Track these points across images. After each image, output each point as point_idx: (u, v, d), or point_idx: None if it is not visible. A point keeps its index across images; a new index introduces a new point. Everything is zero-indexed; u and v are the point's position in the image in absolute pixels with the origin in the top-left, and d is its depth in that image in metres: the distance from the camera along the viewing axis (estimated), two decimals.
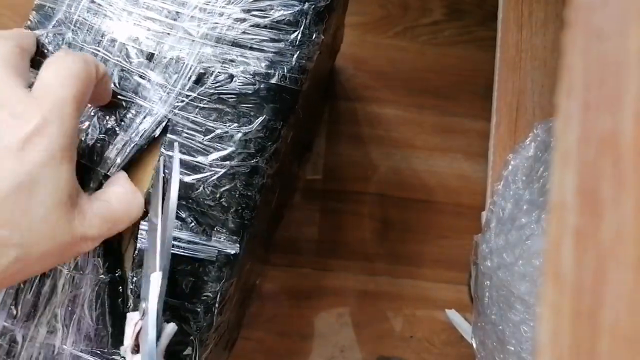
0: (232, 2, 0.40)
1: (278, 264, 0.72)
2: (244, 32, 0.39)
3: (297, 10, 0.40)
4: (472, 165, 0.75)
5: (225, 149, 0.39)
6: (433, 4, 0.78)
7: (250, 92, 0.39)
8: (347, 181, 0.74)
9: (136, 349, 0.35)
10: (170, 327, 0.36)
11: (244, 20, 0.39)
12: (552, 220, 0.14)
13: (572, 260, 0.13)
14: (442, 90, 0.76)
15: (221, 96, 0.39)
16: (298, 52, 0.40)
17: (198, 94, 0.39)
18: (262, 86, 0.39)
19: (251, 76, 0.39)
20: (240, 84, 0.39)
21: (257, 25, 0.40)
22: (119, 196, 0.35)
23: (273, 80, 0.40)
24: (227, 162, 0.39)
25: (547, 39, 0.71)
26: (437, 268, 0.74)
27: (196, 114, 0.39)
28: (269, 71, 0.40)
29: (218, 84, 0.39)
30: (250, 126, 0.39)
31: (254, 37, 0.40)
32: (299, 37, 0.40)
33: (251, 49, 0.39)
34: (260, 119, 0.39)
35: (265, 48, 0.40)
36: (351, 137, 0.75)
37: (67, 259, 0.34)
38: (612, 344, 0.12)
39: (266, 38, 0.40)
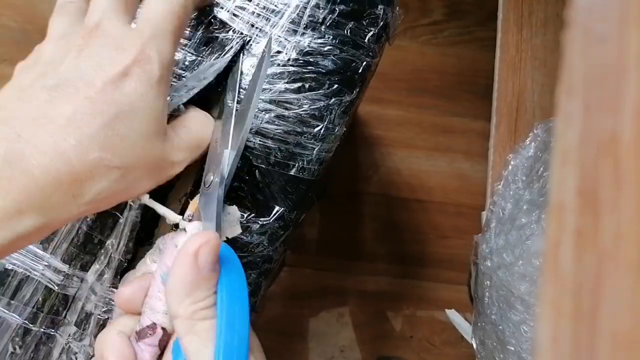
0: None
1: None
2: (268, 122, 0.39)
3: (323, 105, 0.39)
4: (472, 165, 0.75)
5: (241, 240, 0.39)
6: (433, 4, 0.78)
7: (268, 182, 0.39)
8: (347, 181, 0.74)
9: (190, 219, 0.35)
10: (234, 209, 0.38)
11: (269, 110, 0.39)
12: (551, 221, 0.14)
13: (572, 260, 0.13)
14: (442, 90, 0.76)
15: (240, 185, 0.39)
16: (320, 145, 0.39)
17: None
18: (280, 178, 0.39)
19: (271, 166, 0.39)
20: (260, 174, 0.39)
21: (281, 117, 0.39)
22: (197, 121, 0.36)
23: (292, 172, 0.39)
24: (241, 254, 0.39)
25: (547, 39, 0.71)
26: (437, 268, 0.74)
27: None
28: (289, 162, 0.39)
29: (237, 174, 0.39)
30: (268, 218, 0.39)
31: (277, 127, 0.39)
32: (322, 131, 0.39)
33: (273, 139, 0.39)
34: (277, 210, 0.39)
35: (288, 139, 0.39)
36: (351, 137, 0.75)
37: (159, 182, 0.35)
38: (612, 345, 0.12)
39: (289, 130, 0.39)
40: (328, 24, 0.39)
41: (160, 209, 0.36)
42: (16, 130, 0.29)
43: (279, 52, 0.38)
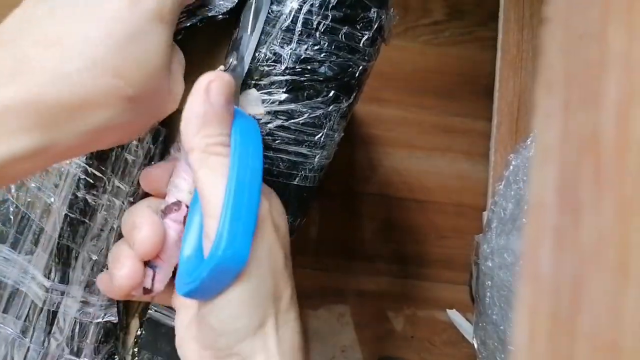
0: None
1: None
2: (268, 134, 0.38)
3: (322, 113, 0.39)
4: (473, 165, 0.75)
5: None
6: (434, 4, 0.78)
7: None
8: (347, 181, 0.74)
9: None
10: (253, 90, 0.37)
11: (268, 122, 0.38)
12: (530, 220, 0.14)
13: (551, 261, 0.13)
14: (442, 90, 0.76)
15: None
16: (321, 153, 0.39)
17: None
18: (284, 188, 0.39)
19: (275, 177, 0.39)
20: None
21: (281, 127, 0.38)
22: (178, 50, 0.35)
23: (295, 182, 0.39)
24: None
25: None
26: (438, 268, 0.74)
27: None
28: (292, 172, 0.39)
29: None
30: None
31: (277, 138, 0.38)
32: (322, 139, 0.39)
33: (274, 150, 0.39)
34: None
35: (289, 149, 0.39)
36: (351, 137, 0.75)
37: (158, 118, 0.34)
38: (590, 348, 0.12)
39: (290, 140, 0.39)
40: (322, 30, 0.38)
41: None
42: (23, 51, 0.27)
43: (275, 61, 0.38)
